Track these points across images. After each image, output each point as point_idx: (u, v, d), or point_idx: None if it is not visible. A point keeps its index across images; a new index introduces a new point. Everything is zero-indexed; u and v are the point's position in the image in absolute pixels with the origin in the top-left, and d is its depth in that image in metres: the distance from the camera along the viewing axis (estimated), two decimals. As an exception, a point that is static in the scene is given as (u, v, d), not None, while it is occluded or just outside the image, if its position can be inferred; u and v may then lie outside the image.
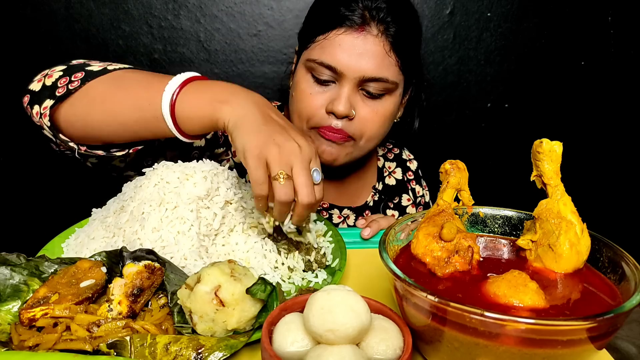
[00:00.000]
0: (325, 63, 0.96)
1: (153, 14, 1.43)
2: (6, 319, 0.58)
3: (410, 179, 1.29)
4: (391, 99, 1.01)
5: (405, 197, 1.27)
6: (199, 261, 0.69)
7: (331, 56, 0.96)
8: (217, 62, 1.50)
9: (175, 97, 0.75)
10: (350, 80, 0.96)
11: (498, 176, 1.59)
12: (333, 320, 0.45)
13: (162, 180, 0.75)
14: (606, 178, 1.71)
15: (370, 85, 0.97)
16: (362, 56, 0.95)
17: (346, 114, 0.97)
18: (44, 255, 0.66)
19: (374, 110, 1.00)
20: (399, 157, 1.31)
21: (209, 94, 0.74)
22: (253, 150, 0.66)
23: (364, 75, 0.95)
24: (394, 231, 0.63)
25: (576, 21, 1.55)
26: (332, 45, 0.96)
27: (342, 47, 0.95)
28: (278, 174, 0.66)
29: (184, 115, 0.75)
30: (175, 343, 0.53)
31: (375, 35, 0.95)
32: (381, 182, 1.25)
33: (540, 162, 0.59)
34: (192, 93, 0.75)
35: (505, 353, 0.46)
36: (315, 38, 0.99)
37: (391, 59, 0.97)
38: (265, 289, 0.57)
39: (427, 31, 1.52)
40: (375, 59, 0.95)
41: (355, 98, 0.99)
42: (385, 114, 1.02)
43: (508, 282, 0.52)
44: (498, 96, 1.61)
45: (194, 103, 0.74)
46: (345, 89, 0.97)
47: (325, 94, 0.99)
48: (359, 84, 0.97)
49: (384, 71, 0.96)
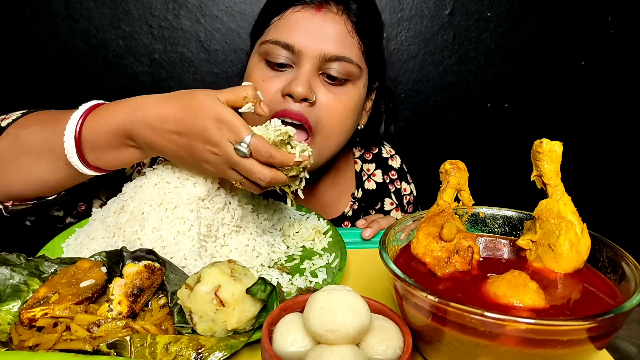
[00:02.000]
0: (282, 41, 0.86)
1: (153, 14, 1.43)
2: (6, 319, 0.58)
3: (394, 178, 1.19)
4: (355, 88, 0.91)
5: (387, 201, 1.17)
6: (199, 261, 0.69)
7: (287, 34, 0.86)
8: (217, 62, 1.50)
9: (79, 136, 0.70)
10: (310, 59, 0.86)
11: (498, 176, 1.59)
12: (333, 320, 0.45)
13: (162, 180, 0.75)
14: (606, 178, 1.71)
15: (332, 67, 0.87)
16: (321, 34, 0.86)
17: (305, 95, 0.84)
18: (44, 255, 0.66)
19: (337, 98, 0.89)
20: (378, 156, 1.20)
21: (105, 143, 0.70)
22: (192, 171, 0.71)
23: (324, 54, 0.85)
24: (394, 231, 0.63)
25: (576, 21, 1.55)
26: (288, 23, 0.87)
27: (300, 24, 0.86)
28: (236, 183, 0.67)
29: (94, 150, 0.71)
30: (175, 343, 0.53)
31: (335, 12, 0.87)
32: (360, 188, 1.14)
33: (540, 162, 0.59)
34: (93, 125, 0.70)
35: (506, 353, 0.46)
36: (270, 21, 0.90)
37: (353, 39, 0.88)
38: (265, 289, 0.57)
39: (427, 31, 1.52)
40: (336, 37, 0.86)
41: (316, 82, 0.88)
42: (349, 104, 0.91)
43: (508, 282, 0.52)
44: (498, 96, 1.61)
45: (100, 156, 0.71)
46: (304, 69, 0.86)
47: (280, 78, 0.88)
48: (320, 65, 0.87)
49: (346, 50, 0.87)
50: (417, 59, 1.55)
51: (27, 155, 0.74)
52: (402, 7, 1.50)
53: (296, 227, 0.85)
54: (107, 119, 0.70)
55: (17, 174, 0.74)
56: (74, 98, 1.49)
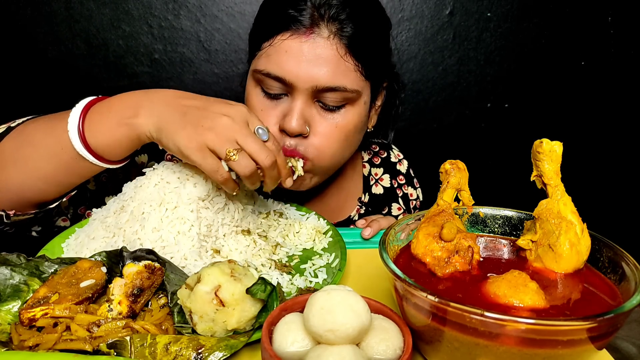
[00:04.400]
0: (272, 74, 0.83)
1: (153, 14, 1.43)
2: (6, 319, 0.58)
3: (402, 183, 1.19)
4: (353, 109, 0.88)
5: (395, 206, 1.16)
6: (199, 261, 0.69)
7: (277, 65, 0.83)
8: (217, 62, 1.50)
9: (83, 131, 0.70)
10: (302, 91, 0.83)
11: (498, 176, 1.59)
12: (333, 320, 0.45)
13: (162, 180, 0.75)
14: (606, 178, 1.71)
15: (326, 97, 0.84)
16: (312, 63, 0.81)
17: (299, 131, 0.84)
18: (44, 255, 0.66)
19: (332, 124, 0.86)
20: (387, 161, 1.19)
21: (114, 114, 0.70)
22: (189, 145, 0.64)
23: (316, 85, 0.82)
24: (394, 231, 0.63)
25: (576, 21, 1.55)
26: (278, 52, 0.83)
27: (289, 53, 0.82)
28: (227, 153, 0.64)
29: (101, 146, 0.71)
30: (175, 343, 0.53)
31: (327, 37, 0.82)
32: (367, 192, 1.14)
33: (540, 162, 0.59)
34: (96, 122, 0.71)
35: (506, 353, 0.46)
36: (261, 45, 0.86)
37: (348, 64, 0.83)
38: (265, 289, 0.57)
39: (427, 31, 1.52)
40: (328, 65, 0.82)
41: (311, 112, 0.86)
42: (347, 127, 0.88)
43: (508, 282, 0.52)
44: (498, 96, 1.62)
45: (104, 130, 0.70)
46: (297, 102, 0.84)
47: (276, 108, 0.86)
48: (314, 95, 0.84)
49: (340, 79, 0.83)
50: (417, 59, 1.55)
51: (27, 146, 0.74)
52: (402, 8, 1.50)
53: (296, 227, 0.85)
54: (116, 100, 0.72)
55: (16, 165, 0.74)
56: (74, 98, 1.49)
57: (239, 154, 0.64)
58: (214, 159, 0.66)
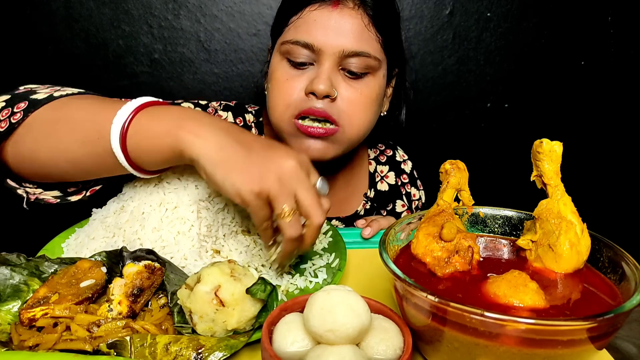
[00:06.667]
0: (302, 41, 0.89)
1: (153, 14, 1.43)
2: (6, 319, 0.58)
3: (405, 182, 1.23)
4: (375, 79, 0.94)
5: (399, 203, 1.20)
6: (199, 261, 0.69)
7: (307, 33, 0.89)
8: (217, 62, 1.50)
9: (127, 128, 0.64)
10: (329, 56, 0.89)
11: (498, 176, 1.59)
12: (333, 320, 0.45)
13: (162, 180, 0.75)
14: (606, 178, 1.71)
15: (351, 63, 0.90)
16: (339, 30, 0.89)
17: (327, 92, 0.89)
18: (44, 255, 0.66)
19: (357, 91, 0.93)
20: (392, 159, 1.24)
21: (166, 121, 0.64)
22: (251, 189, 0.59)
23: (343, 50, 0.89)
24: (394, 231, 0.63)
25: (576, 21, 1.55)
26: (307, 22, 0.90)
27: (318, 22, 0.89)
28: (283, 211, 0.60)
29: (138, 148, 0.65)
30: (175, 343, 0.53)
31: (352, 7, 0.90)
32: (373, 189, 1.18)
33: (540, 162, 0.59)
34: (146, 121, 0.65)
35: (506, 353, 0.46)
36: (289, 21, 0.93)
37: (371, 33, 0.91)
38: (265, 289, 0.57)
39: (427, 31, 1.52)
40: (353, 32, 0.89)
41: (337, 78, 0.91)
42: (371, 95, 0.94)
43: (508, 282, 0.52)
44: (498, 96, 1.61)
45: (149, 133, 0.64)
46: (325, 67, 0.90)
47: (303, 76, 0.92)
48: (339, 61, 0.90)
49: (365, 45, 0.90)
50: (417, 59, 1.55)
51: (64, 123, 0.69)
52: (402, 8, 1.49)
53: (296, 227, 0.85)
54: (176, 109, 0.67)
55: (48, 140, 0.70)
56: (74, 98, 1.46)
57: (292, 215, 0.61)
58: (269, 210, 0.62)
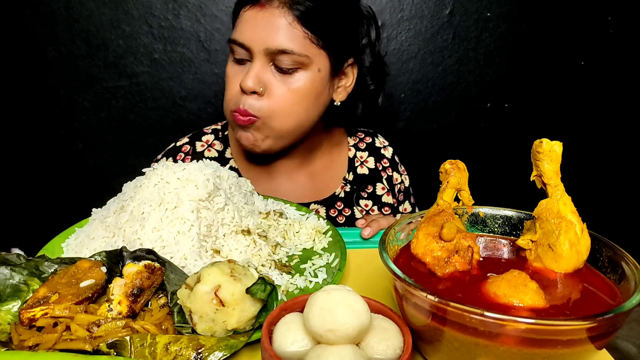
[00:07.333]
0: (237, 40, 0.98)
1: (153, 14, 1.43)
2: (6, 319, 0.58)
3: (386, 166, 1.26)
4: (306, 74, 0.99)
5: (379, 185, 1.24)
6: (199, 261, 0.69)
7: (240, 33, 0.98)
8: (217, 62, 1.50)
9: None
10: (258, 54, 0.96)
11: (498, 176, 1.59)
12: (333, 320, 0.45)
13: (162, 180, 0.75)
14: (606, 178, 1.71)
15: (280, 60, 0.96)
16: (264, 28, 0.95)
17: (252, 88, 0.96)
18: (44, 255, 0.66)
19: (286, 87, 0.98)
20: (371, 146, 1.28)
21: None
22: None
23: (267, 47, 0.95)
24: (394, 231, 0.63)
25: (576, 21, 1.55)
26: (241, 22, 0.99)
27: (248, 22, 0.97)
28: None
29: None
30: (175, 343, 0.53)
31: (277, 7, 0.95)
32: (352, 172, 1.22)
33: (540, 162, 0.59)
34: None
35: (505, 353, 0.46)
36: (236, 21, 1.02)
37: (296, 30, 0.95)
38: (265, 289, 0.57)
39: (427, 31, 1.52)
40: (278, 30, 0.95)
41: (267, 74, 0.98)
42: (300, 90, 0.99)
43: (508, 282, 0.52)
44: (498, 96, 1.61)
45: None
46: (254, 64, 0.97)
47: (241, 72, 1.00)
48: (270, 58, 0.97)
49: (288, 43, 0.95)
50: (417, 59, 1.55)
51: None
52: (402, 7, 1.49)
53: (296, 227, 0.85)
54: None
55: None
56: (74, 98, 1.49)
57: None
58: None
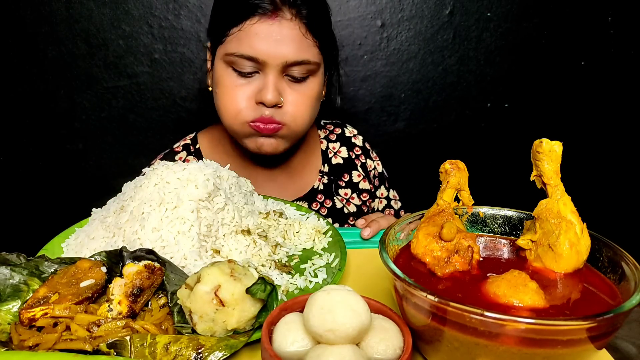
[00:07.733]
0: (246, 55, 0.96)
1: (153, 14, 1.43)
2: (6, 319, 0.58)
3: (358, 154, 1.28)
4: (315, 79, 1.03)
5: (355, 173, 1.25)
6: (199, 261, 0.69)
7: (250, 47, 0.95)
8: (217, 62, 1.50)
9: None
10: (274, 67, 0.96)
11: (498, 176, 1.59)
12: (333, 320, 0.45)
13: (162, 180, 0.75)
14: (606, 178, 1.71)
15: (293, 70, 0.98)
16: (280, 42, 0.95)
17: (275, 102, 0.97)
18: (44, 255, 0.66)
19: (300, 94, 1.01)
20: (342, 136, 1.30)
21: None
22: None
23: (286, 61, 0.96)
24: (393, 231, 0.63)
25: (576, 21, 1.55)
26: (249, 35, 0.95)
27: (260, 35, 0.95)
28: None
29: None
30: (175, 343, 0.53)
31: (290, 19, 0.95)
32: (327, 163, 1.24)
33: (540, 162, 0.59)
34: None
35: (505, 353, 0.46)
36: (229, 31, 0.98)
37: (309, 40, 0.98)
38: (265, 289, 0.57)
39: (427, 31, 1.52)
40: (294, 42, 0.96)
41: (282, 84, 0.99)
42: (313, 95, 1.04)
43: (508, 282, 0.52)
44: (498, 96, 1.61)
45: None
46: (270, 77, 0.97)
47: (250, 85, 0.99)
48: (283, 70, 0.98)
49: (305, 53, 0.97)
50: (417, 59, 1.55)
51: None
52: (402, 7, 1.49)
53: (296, 227, 0.85)
54: None
55: None
56: (74, 98, 1.49)
57: None
58: None
